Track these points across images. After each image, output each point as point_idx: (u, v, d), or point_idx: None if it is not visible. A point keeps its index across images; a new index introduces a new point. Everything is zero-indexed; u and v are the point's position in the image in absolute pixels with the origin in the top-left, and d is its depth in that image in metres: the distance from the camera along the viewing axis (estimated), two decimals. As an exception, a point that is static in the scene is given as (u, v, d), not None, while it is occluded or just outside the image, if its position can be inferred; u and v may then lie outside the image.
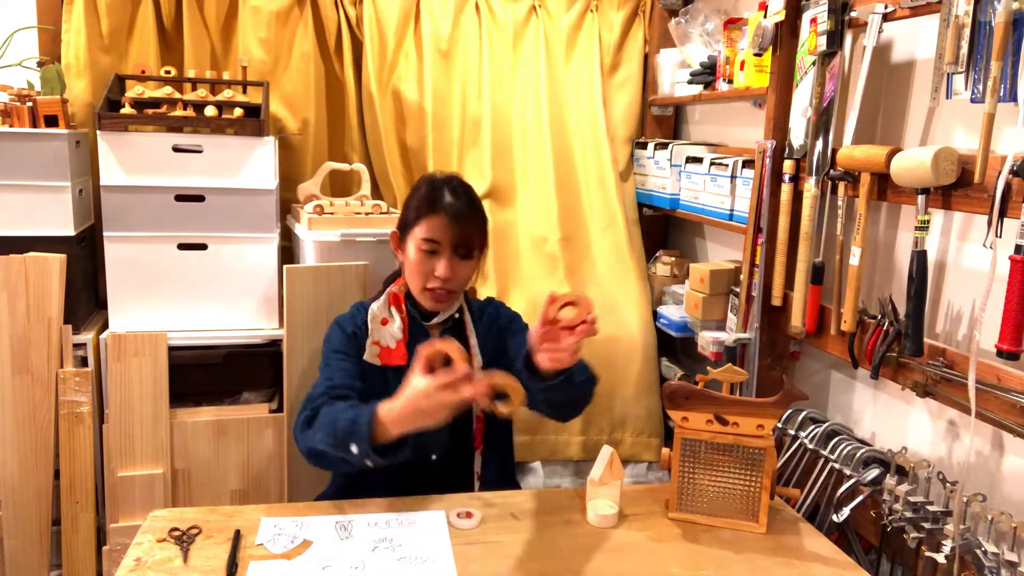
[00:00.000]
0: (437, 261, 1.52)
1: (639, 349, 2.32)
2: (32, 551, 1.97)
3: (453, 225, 1.52)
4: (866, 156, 1.53)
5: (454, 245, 1.52)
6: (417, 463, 1.58)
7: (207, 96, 2.08)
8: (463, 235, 1.53)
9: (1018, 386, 1.26)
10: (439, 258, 1.52)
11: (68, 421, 1.96)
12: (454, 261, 1.53)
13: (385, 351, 1.55)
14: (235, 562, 1.21)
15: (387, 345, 1.56)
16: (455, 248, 1.53)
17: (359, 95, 2.43)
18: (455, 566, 1.22)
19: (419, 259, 1.54)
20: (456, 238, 1.52)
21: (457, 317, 1.63)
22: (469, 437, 1.60)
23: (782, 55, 1.80)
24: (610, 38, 2.59)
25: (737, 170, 2.04)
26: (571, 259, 2.43)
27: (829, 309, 1.68)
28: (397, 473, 1.56)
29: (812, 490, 1.64)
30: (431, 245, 1.52)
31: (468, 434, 1.60)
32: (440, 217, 1.52)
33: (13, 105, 1.94)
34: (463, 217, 1.53)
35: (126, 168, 1.95)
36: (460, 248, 1.53)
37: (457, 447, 1.60)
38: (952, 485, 1.38)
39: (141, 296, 2.01)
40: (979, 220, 1.41)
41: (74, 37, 2.17)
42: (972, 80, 1.32)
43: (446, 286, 1.53)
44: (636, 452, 2.35)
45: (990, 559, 1.27)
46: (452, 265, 1.52)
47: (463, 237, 1.53)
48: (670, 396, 1.38)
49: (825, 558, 1.30)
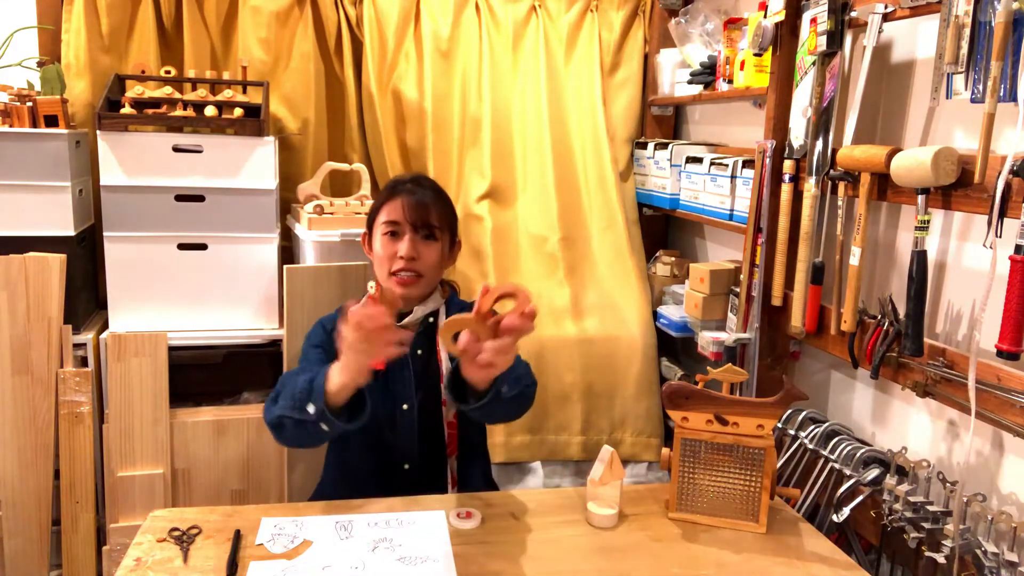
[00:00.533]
0: (399, 242, 1.53)
1: (639, 349, 2.32)
2: (32, 551, 1.97)
3: (411, 206, 1.53)
4: (866, 156, 1.53)
5: (414, 225, 1.53)
6: (389, 472, 1.57)
7: (207, 96, 2.08)
8: (422, 214, 1.53)
9: (1018, 386, 1.26)
10: (400, 239, 1.53)
11: (68, 421, 1.96)
12: (416, 241, 1.53)
13: None
14: (235, 562, 1.21)
15: None
16: (415, 228, 1.53)
17: (359, 95, 2.43)
18: (455, 566, 1.22)
19: (383, 244, 1.55)
20: (415, 217, 1.53)
21: (432, 321, 1.60)
22: (442, 444, 1.59)
23: (782, 55, 1.80)
24: (610, 38, 2.59)
25: (737, 170, 2.04)
26: (571, 259, 2.43)
27: (829, 309, 1.68)
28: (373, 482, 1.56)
29: (812, 490, 1.64)
30: (391, 227, 1.54)
31: (440, 441, 1.59)
32: (398, 199, 1.54)
33: (13, 105, 1.94)
34: (423, 198, 1.55)
35: (126, 168, 1.95)
36: (421, 228, 1.54)
37: (430, 455, 1.59)
38: (952, 485, 1.38)
39: (141, 296, 2.01)
40: (979, 220, 1.41)
41: (74, 37, 2.17)
42: (972, 80, 1.32)
43: (410, 266, 1.52)
44: (636, 452, 2.35)
45: (990, 559, 1.27)
46: (414, 244, 1.52)
47: (422, 216, 1.53)
48: (670, 396, 1.38)
49: (825, 558, 1.30)
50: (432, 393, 1.58)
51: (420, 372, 1.58)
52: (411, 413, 1.56)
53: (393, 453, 1.57)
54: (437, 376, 1.58)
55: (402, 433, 1.56)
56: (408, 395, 1.56)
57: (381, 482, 1.56)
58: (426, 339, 1.60)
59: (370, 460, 1.58)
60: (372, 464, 1.58)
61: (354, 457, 1.59)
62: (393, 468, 1.57)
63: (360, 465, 1.59)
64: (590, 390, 2.33)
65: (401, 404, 1.56)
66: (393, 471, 1.57)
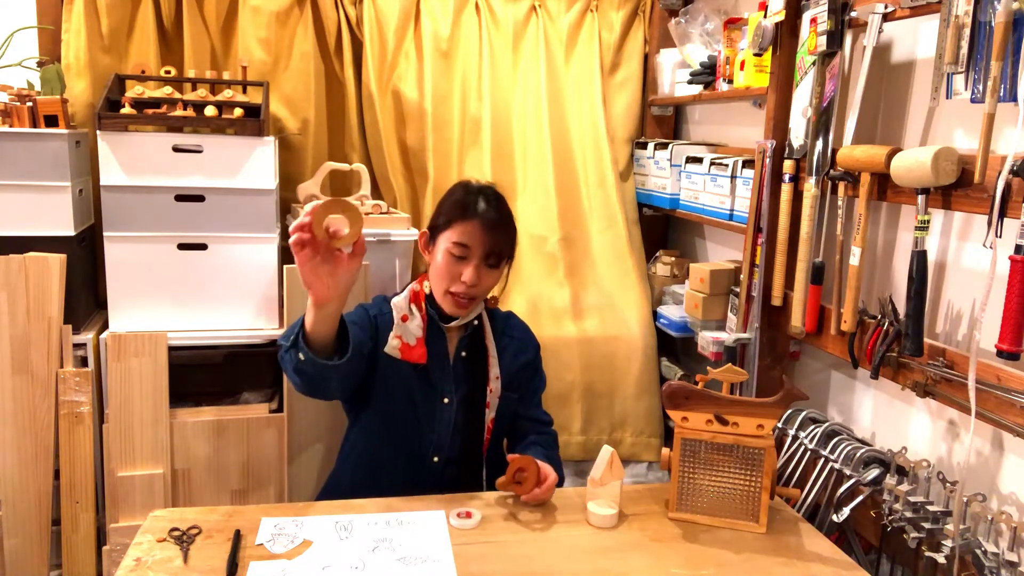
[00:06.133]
0: (465, 267, 1.52)
1: (639, 349, 2.32)
2: (32, 551, 1.97)
3: (485, 233, 1.52)
4: (866, 156, 1.53)
5: (484, 253, 1.53)
6: (416, 462, 1.59)
7: (207, 96, 2.07)
8: (494, 244, 1.54)
9: (1018, 386, 1.26)
10: (467, 264, 1.53)
11: (68, 421, 1.96)
12: (482, 269, 1.54)
13: (406, 347, 1.55)
14: (235, 562, 1.21)
15: (408, 341, 1.56)
16: (485, 256, 1.54)
17: (359, 95, 2.43)
18: (455, 566, 1.22)
19: (447, 262, 1.54)
20: (487, 246, 1.53)
21: (476, 324, 1.63)
22: (479, 444, 1.62)
23: (782, 55, 1.80)
24: (610, 38, 2.59)
25: (737, 170, 2.04)
26: (571, 259, 2.43)
27: (829, 309, 1.68)
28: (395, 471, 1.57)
29: (812, 490, 1.64)
30: (461, 250, 1.53)
31: (479, 441, 1.62)
32: (473, 223, 1.52)
33: (13, 105, 1.94)
34: (496, 226, 1.54)
35: (126, 168, 1.95)
36: (490, 257, 1.54)
37: (466, 452, 1.61)
38: (952, 485, 1.38)
39: (141, 296, 2.00)
40: (979, 220, 1.41)
41: (74, 37, 2.17)
42: (972, 80, 1.32)
43: (470, 292, 1.53)
44: (636, 452, 2.35)
45: (990, 559, 1.27)
46: (479, 273, 1.53)
47: (494, 246, 1.54)
48: (670, 396, 1.38)
49: (825, 558, 1.30)
50: (475, 393, 1.60)
51: (463, 371, 1.60)
52: (451, 407, 1.58)
53: (423, 444, 1.58)
54: (483, 378, 1.61)
55: (439, 425, 1.58)
56: (449, 389, 1.59)
57: (405, 472, 1.57)
58: (471, 342, 1.63)
59: (394, 448, 1.59)
60: (396, 452, 1.59)
61: (376, 444, 1.61)
62: (421, 459, 1.58)
63: (382, 452, 1.60)
64: (590, 390, 2.33)
65: (442, 397, 1.58)
66: (421, 461, 1.58)
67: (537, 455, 1.52)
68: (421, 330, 1.56)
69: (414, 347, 1.55)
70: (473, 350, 1.62)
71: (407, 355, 1.55)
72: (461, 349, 1.61)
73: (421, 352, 1.55)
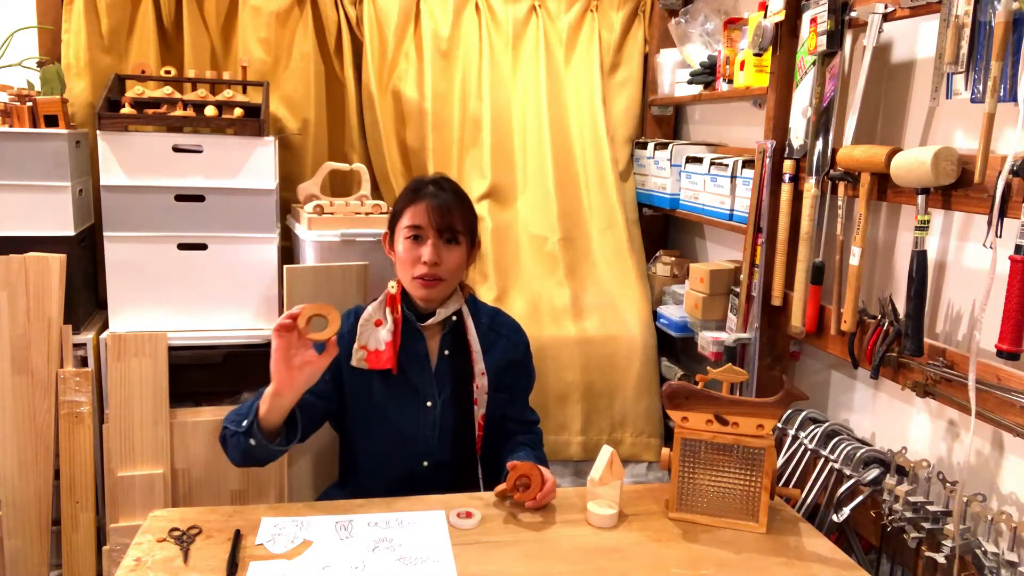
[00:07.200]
0: (422, 246, 1.54)
1: (639, 349, 2.32)
2: (32, 551, 1.97)
3: (435, 210, 1.55)
4: (866, 156, 1.53)
5: (438, 229, 1.55)
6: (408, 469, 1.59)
7: (207, 96, 2.08)
8: (445, 219, 1.55)
9: (1018, 386, 1.26)
10: (424, 243, 1.55)
11: (68, 421, 1.96)
12: (439, 246, 1.55)
13: (372, 355, 1.55)
14: (235, 562, 1.21)
15: (375, 348, 1.55)
16: (439, 232, 1.55)
17: (359, 95, 2.43)
18: (455, 566, 1.22)
19: (406, 248, 1.56)
20: (439, 222, 1.55)
21: (456, 319, 1.62)
22: (472, 443, 1.61)
23: (782, 55, 1.80)
24: (610, 38, 2.59)
25: (737, 170, 2.03)
26: (571, 259, 2.43)
27: (829, 309, 1.68)
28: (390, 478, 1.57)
29: (812, 490, 1.64)
30: (415, 231, 1.55)
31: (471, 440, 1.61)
32: (422, 203, 1.55)
33: (13, 105, 1.94)
34: (445, 202, 1.56)
35: (126, 168, 1.95)
36: (444, 232, 1.55)
37: (458, 453, 1.60)
38: (952, 485, 1.38)
39: (141, 296, 2.00)
40: (979, 220, 1.41)
41: (74, 37, 2.17)
42: (972, 80, 1.32)
43: (433, 271, 1.54)
44: (636, 452, 2.35)
45: (990, 559, 1.27)
46: (437, 249, 1.54)
47: (446, 221, 1.55)
48: (670, 396, 1.38)
49: (825, 558, 1.30)
50: (460, 392, 1.59)
51: (445, 371, 1.60)
52: (434, 411, 1.58)
53: (413, 450, 1.58)
54: (467, 376, 1.60)
55: (424, 429, 1.58)
56: (431, 392, 1.58)
57: (399, 481, 1.56)
58: (452, 339, 1.62)
59: (382, 459, 1.59)
60: (384, 463, 1.59)
61: (372, 452, 1.60)
62: (410, 466, 1.58)
63: (370, 465, 1.60)
64: (590, 390, 2.33)
65: (425, 401, 1.58)
66: (411, 469, 1.58)
67: (528, 458, 1.52)
68: (391, 335, 1.55)
69: (382, 351, 1.55)
70: (456, 347, 1.61)
71: (374, 363, 1.55)
72: (444, 348, 1.60)
73: (389, 357, 1.54)
